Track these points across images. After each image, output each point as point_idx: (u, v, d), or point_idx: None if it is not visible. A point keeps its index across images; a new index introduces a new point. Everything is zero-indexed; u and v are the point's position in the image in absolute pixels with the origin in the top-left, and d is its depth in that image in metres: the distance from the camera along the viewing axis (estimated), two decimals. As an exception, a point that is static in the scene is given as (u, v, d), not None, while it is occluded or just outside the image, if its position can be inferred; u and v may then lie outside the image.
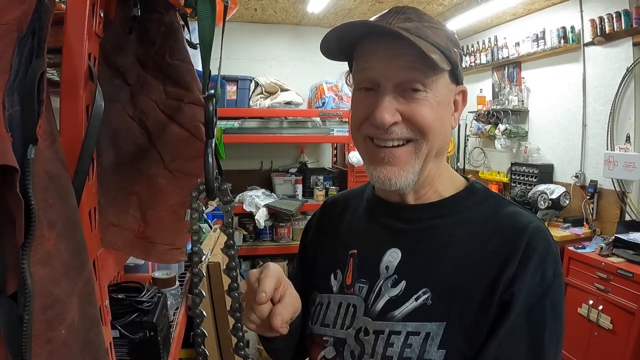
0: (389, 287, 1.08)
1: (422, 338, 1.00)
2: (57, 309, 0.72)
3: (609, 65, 4.55)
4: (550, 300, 0.98)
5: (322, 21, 6.19)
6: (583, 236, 4.48)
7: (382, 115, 1.00)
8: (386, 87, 1.02)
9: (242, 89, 5.22)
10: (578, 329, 3.95)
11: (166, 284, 2.03)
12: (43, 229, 0.71)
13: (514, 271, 0.97)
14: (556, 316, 0.99)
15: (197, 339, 1.05)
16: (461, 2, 5.18)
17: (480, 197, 1.13)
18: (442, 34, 1.04)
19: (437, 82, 1.03)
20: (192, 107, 1.13)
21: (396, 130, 1.02)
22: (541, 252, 0.99)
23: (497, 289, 0.98)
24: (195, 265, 1.04)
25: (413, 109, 1.02)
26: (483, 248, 1.03)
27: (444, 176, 1.15)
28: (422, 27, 1.01)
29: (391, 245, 1.12)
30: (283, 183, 5.71)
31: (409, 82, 1.01)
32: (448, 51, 1.03)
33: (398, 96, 1.02)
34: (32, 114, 0.74)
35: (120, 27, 1.05)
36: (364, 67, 1.06)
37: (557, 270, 1.01)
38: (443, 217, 1.11)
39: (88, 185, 0.90)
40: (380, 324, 1.06)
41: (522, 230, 1.02)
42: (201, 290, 1.05)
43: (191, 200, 1.01)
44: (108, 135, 1.05)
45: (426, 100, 1.02)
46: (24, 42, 0.78)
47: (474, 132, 6.43)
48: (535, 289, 0.97)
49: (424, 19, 1.04)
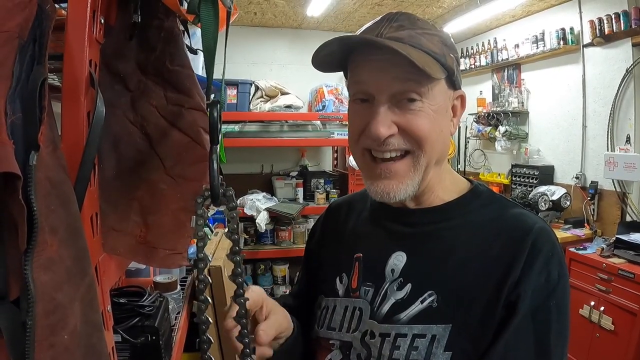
0: (394, 290, 1.09)
1: (428, 340, 1.01)
2: (59, 314, 0.73)
3: (608, 66, 4.56)
4: (556, 301, 0.99)
5: (322, 24, 6.20)
6: (584, 237, 4.48)
7: (377, 129, 1.00)
8: (380, 99, 1.02)
9: (242, 93, 5.23)
10: (580, 330, 3.94)
11: (168, 288, 2.04)
12: (45, 234, 0.71)
13: (520, 272, 0.98)
14: (561, 317, 0.99)
15: (203, 345, 1.05)
16: (460, 4, 5.19)
17: (484, 199, 1.14)
18: (437, 40, 1.03)
19: (433, 90, 1.03)
20: (193, 112, 1.14)
21: (393, 141, 1.02)
22: (546, 253, 1.00)
23: (503, 290, 0.98)
24: (201, 272, 1.04)
25: (409, 120, 1.02)
26: (488, 250, 1.03)
27: (445, 181, 1.16)
28: (415, 35, 1.01)
29: (396, 248, 1.13)
30: (284, 186, 5.71)
31: (403, 93, 1.01)
32: (443, 57, 1.02)
33: (393, 107, 1.02)
34: (33, 121, 0.74)
35: (121, 33, 1.06)
36: (358, 80, 1.06)
37: (562, 271, 1.02)
38: (448, 221, 1.11)
39: (90, 191, 0.90)
40: (386, 327, 1.06)
41: (527, 232, 1.02)
42: (207, 296, 1.05)
43: (196, 206, 1.01)
44: (109, 141, 1.05)
45: (422, 110, 1.02)
46: (25, 49, 0.79)
47: (474, 134, 6.44)
48: (541, 290, 0.98)
49: (417, 26, 1.03)
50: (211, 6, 1.01)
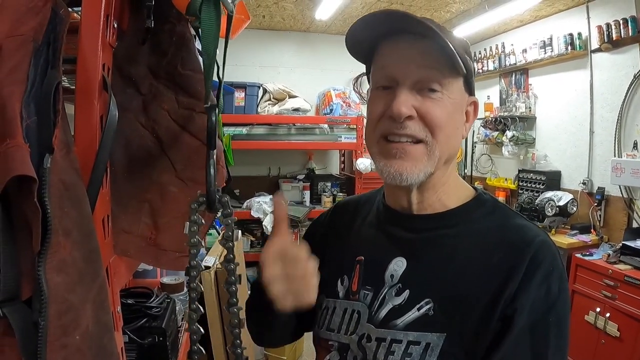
0: (392, 295, 1.09)
1: (422, 348, 1.01)
2: (72, 315, 0.74)
3: (616, 71, 4.54)
4: (556, 316, 0.98)
5: (330, 28, 6.21)
6: (590, 243, 4.46)
7: (400, 107, 1.01)
8: (404, 84, 1.03)
9: (250, 96, 5.25)
10: (585, 337, 3.93)
11: (175, 289, 2.05)
12: (59, 236, 0.72)
13: (517, 285, 0.97)
14: (561, 332, 0.98)
15: (194, 356, 1.03)
16: (468, 9, 5.19)
17: (487, 208, 1.13)
18: (458, 44, 1.05)
19: (453, 85, 1.05)
20: (204, 116, 1.14)
21: (410, 125, 1.03)
22: (546, 267, 0.99)
23: (499, 303, 0.97)
24: (194, 280, 1.02)
25: (428, 107, 1.03)
26: (487, 260, 1.03)
27: (449, 184, 1.15)
28: (443, 30, 1.03)
29: (397, 254, 1.13)
30: (291, 189, 5.73)
31: (426, 81, 1.03)
32: (465, 59, 1.04)
33: (415, 93, 1.03)
34: (48, 124, 0.76)
35: (133, 38, 1.07)
36: (384, 65, 1.07)
37: (563, 285, 1.01)
38: (450, 228, 1.11)
39: (102, 194, 0.92)
40: (382, 332, 1.07)
41: (528, 244, 1.01)
42: (199, 305, 1.03)
43: (190, 212, 0.99)
44: (121, 143, 1.06)
45: (442, 100, 1.03)
46: (40, 53, 0.80)
47: (481, 139, 6.43)
48: (540, 304, 0.97)
49: (442, 29, 1.05)
50: (213, 8, 1.01)
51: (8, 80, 0.74)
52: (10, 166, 0.67)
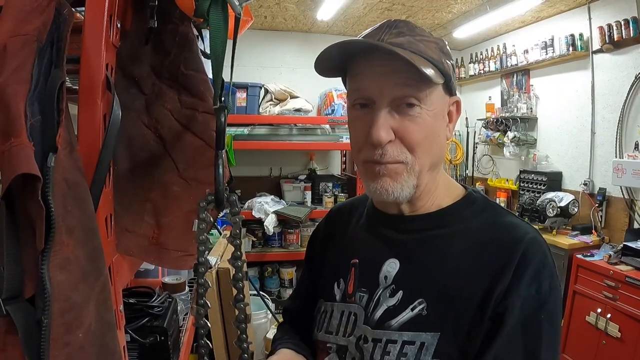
0: (387, 296, 1.10)
1: (417, 347, 1.02)
2: (75, 313, 0.74)
3: (617, 72, 4.55)
4: (547, 313, 0.98)
5: (332, 29, 6.22)
6: (591, 244, 4.47)
7: (379, 133, 1.01)
8: (381, 104, 1.03)
9: (251, 96, 5.25)
10: (586, 337, 3.94)
11: (176, 289, 2.05)
12: (62, 235, 0.73)
13: (508, 283, 0.98)
14: (553, 329, 0.99)
15: (201, 350, 1.05)
16: (470, 10, 5.19)
17: (478, 206, 1.14)
18: (434, 47, 1.05)
19: (431, 95, 1.05)
20: (206, 116, 1.15)
21: (390, 150, 1.03)
22: (537, 265, 1.00)
23: (490, 301, 0.98)
24: (202, 276, 1.04)
25: (406, 127, 1.03)
26: (478, 259, 1.04)
27: (440, 186, 1.16)
28: (414, 42, 1.03)
29: (390, 255, 1.14)
30: (292, 190, 5.73)
31: (403, 98, 1.02)
32: (441, 64, 1.04)
33: (393, 112, 1.03)
34: (52, 123, 0.76)
35: (136, 38, 1.07)
36: (359, 86, 1.07)
37: (554, 282, 1.02)
38: (441, 228, 1.12)
39: (105, 193, 0.92)
40: (378, 333, 1.08)
41: (518, 242, 1.02)
42: (206, 300, 1.05)
43: (199, 210, 1.01)
44: (123, 143, 1.06)
45: (420, 117, 1.03)
46: (44, 53, 0.80)
47: (482, 140, 6.43)
48: (532, 302, 0.98)
49: (415, 33, 1.05)
50: (220, 10, 1.02)
51: (12, 79, 0.74)
52: (14, 164, 0.68)
